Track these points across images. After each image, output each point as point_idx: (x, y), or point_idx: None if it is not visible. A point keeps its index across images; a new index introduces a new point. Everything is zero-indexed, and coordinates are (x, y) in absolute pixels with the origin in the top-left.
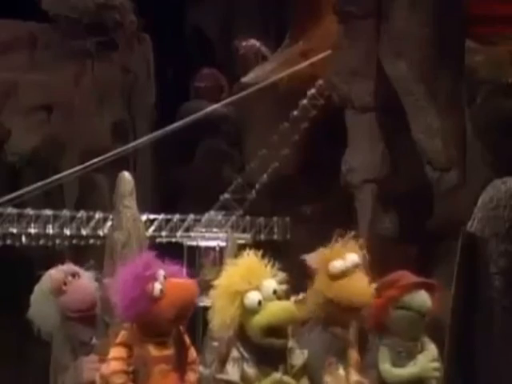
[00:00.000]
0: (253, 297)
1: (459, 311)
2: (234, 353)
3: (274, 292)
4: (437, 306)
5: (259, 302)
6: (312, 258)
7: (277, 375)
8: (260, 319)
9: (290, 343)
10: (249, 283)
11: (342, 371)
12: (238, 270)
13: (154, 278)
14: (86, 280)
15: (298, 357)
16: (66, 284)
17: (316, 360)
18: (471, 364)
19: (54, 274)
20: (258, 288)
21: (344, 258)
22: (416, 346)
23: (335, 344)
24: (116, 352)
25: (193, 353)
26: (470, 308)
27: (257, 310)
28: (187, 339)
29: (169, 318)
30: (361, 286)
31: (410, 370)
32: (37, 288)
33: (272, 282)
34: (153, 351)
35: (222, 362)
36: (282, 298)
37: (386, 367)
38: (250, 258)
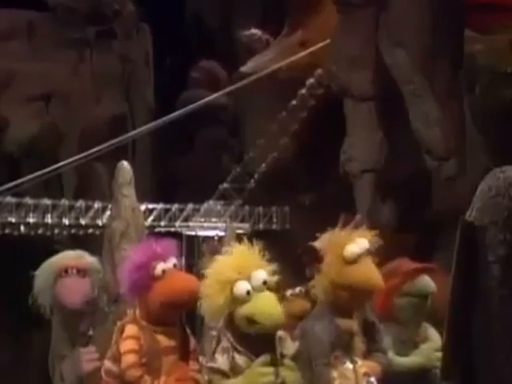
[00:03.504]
0: (242, 286)
1: (457, 300)
2: (224, 343)
3: (265, 283)
4: (440, 289)
5: (248, 292)
6: (321, 242)
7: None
8: (247, 308)
9: (281, 333)
10: (239, 273)
11: (349, 364)
12: (229, 259)
13: (162, 259)
14: (76, 277)
15: (289, 346)
16: (66, 272)
17: (322, 354)
18: (469, 353)
19: (62, 257)
20: (248, 278)
21: (356, 242)
22: (419, 334)
23: (341, 337)
24: (128, 345)
25: (193, 342)
26: (469, 297)
27: (245, 300)
28: (187, 329)
29: (162, 301)
30: (374, 271)
31: (414, 359)
32: (43, 266)
33: (263, 272)
34: (163, 342)
35: (213, 352)
36: (272, 290)
37: (390, 355)
38: (242, 247)
